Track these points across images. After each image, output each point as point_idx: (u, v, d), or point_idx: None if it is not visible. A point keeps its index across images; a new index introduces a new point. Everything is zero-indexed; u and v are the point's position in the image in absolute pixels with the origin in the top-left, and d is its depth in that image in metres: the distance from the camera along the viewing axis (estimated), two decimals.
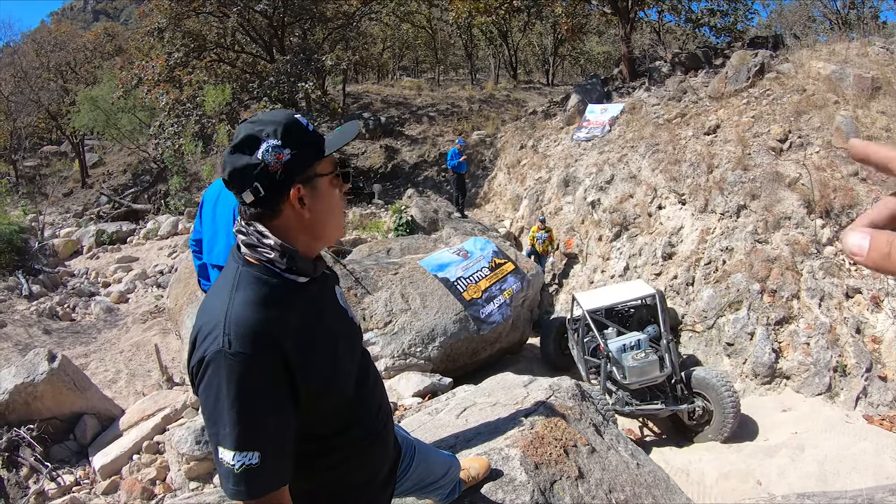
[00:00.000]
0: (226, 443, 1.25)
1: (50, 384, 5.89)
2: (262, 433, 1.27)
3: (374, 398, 1.69)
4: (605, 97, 17.21)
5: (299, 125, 1.41)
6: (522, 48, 34.51)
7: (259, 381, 1.27)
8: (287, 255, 1.39)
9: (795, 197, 9.69)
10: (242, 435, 1.24)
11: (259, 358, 1.27)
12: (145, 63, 18.83)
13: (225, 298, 1.35)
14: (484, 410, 3.44)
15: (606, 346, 7.85)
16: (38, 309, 11.21)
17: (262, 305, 1.34)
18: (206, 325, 1.32)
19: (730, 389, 7.34)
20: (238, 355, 1.25)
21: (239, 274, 1.39)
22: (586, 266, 12.50)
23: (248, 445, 1.25)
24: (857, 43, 12.69)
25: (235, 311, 1.31)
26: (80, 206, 23.08)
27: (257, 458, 1.25)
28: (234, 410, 1.24)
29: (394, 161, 21.01)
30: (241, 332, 1.27)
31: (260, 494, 1.28)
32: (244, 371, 1.25)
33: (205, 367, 1.28)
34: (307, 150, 1.40)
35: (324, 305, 1.54)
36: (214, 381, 1.26)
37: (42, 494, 5.24)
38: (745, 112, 12.00)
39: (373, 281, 8.40)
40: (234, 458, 1.25)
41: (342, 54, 19.68)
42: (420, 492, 2.22)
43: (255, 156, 1.35)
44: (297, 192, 1.38)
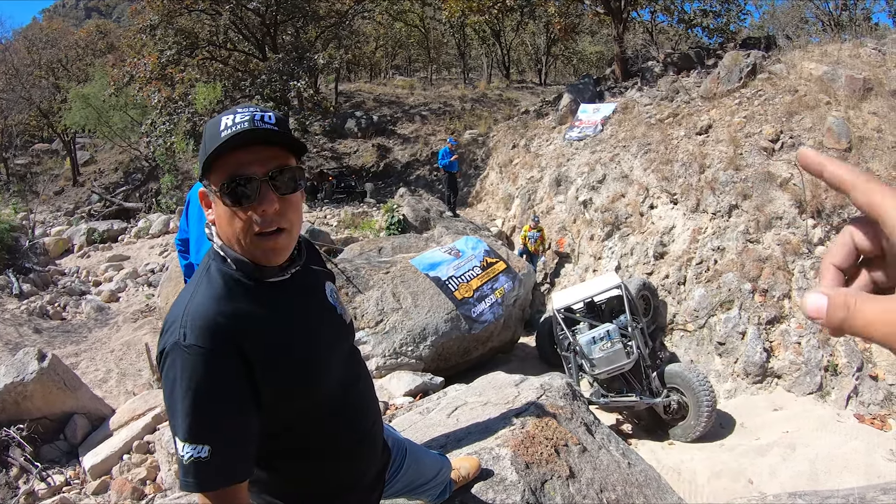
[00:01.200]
0: (179, 433, 1.25)
1: (40, 384, 5.84)
2: (212, 427, 1.26)
3: (362, 399, 1.66)
4: (598, 97, 17.24)
5: (214, 124, 1.33)
6: (515, 47, 34.55)
7: (212, 375, 1.26)
8: (229, 258, 1.37)
9: (787, 197, 9.72)
10: (192, 427, 1.24)
11: (213, 352, 1.26)
12: (137, 60, 18.77)
13: (189, 291, 1.36)
14: (475, 410, 3.44)
15: (575, 341, 8.04)
16: (29, 308, 11.13)
17: (223, 300, 1.32)
18: (169, 317, 1.33)
19: (705, 386, 7.42)
20: (192, 348, 1.25)
21: (208, 268, 1.39)
22: (578, 265, 12.52)
23: (198, 438, 1.24)
24: (850, 44, 12.73)
25: (195, 304, 1.31)
26: (72, 205, 22.98)
27: (206, 452, 1.23)
28: (185, 402, 1.24)
29: (386, 160, 21.01)
30: (197, 325, 1.27)
31: (209, 488, 1.27)
32: (197, 364, 1.24)
33: (164, 358, 1.29)
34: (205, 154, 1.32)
35: (304, 305, 1.50)
36: (171, 373, 1.26)
37: (32, 495, 5.20)
38: (737, 112, 12.02)
39: (364, 280, 8.39)
40: (183, 450, 1.24)
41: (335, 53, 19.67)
42: (411, 493, 2.20)
43: None
44: (202, 195, 1.40)
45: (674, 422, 7.78)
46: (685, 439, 7.54)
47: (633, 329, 7.98)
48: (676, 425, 7.73)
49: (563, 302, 8.83)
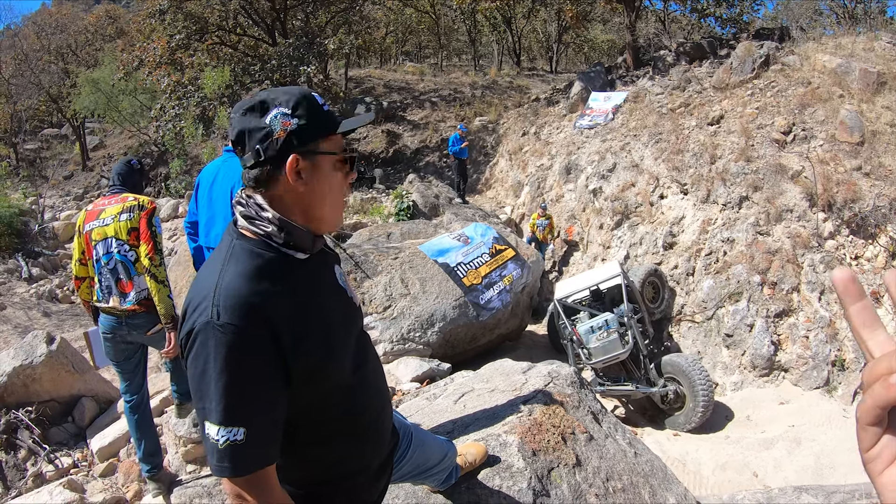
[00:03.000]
0: (211, 417, 1.22)
1: (48, 367, 5.87)
2: (248, 408, 1.24)
3: (373, 382, 1.65)
4: (609, 85, 17.13)
5: (312, 100, 1.40)
6: (526, 35, 34.31)
7: (247, 354, 1.24)
8: (285, 230, 1.36)
9: (798, 190, 9.65)
10: (228, 409, 1.22)
11: (248, 330, 1.24)
12: (146, 45, 18.70)
13: (216, 270, 1.33)
14: (482, 396, 3.43)
15: (570, 331, 8.24)
16: (38, 291, 11.20)
17: (255, 278, 1.31)
18: (196, 296, 1.30)
19: (703, 376, 7.49)
20: (226, 326, 1.22)
21: (232, 247, 1.37)
22: (587, 254, 12.49)
23: (234, 420, 1.22)
24: (864, 37, 12.61)
25: (226, 283, 1.28)
26: (81, 189, 23.02)
27: (242, 435, 1.22)
28: (220, 383, 1.21)
29: (395, 146, 20.95)
30: (231, 304, 1.25)
31: (245, 472, 1.25)
32: (232, 343, 1.22)
33: (193, 338, 1.26)
34: (314, 124, 1.38)
35: (321, 284, 1.51)
36: (202, 354, 1.24)
37: (40, 477, 5.23)
38: (750, 103, 11.93)
39: (372, 265, 8.38)
40: (218, 433, 1.22)
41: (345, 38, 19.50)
42: (416, 478, 2.20)
43: (263, 120, 1.35)
44: (295, 163, 1.36)
45: (672, 411, 7.86)
46: (682, 429, 7.58)
47: (630, 319, 8.08)
48: (674, 415, 7.82)
49: (564, 292, 9.03)
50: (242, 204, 1.40)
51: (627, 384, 8.02)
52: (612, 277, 8.72)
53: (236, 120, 1.38)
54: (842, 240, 9.14)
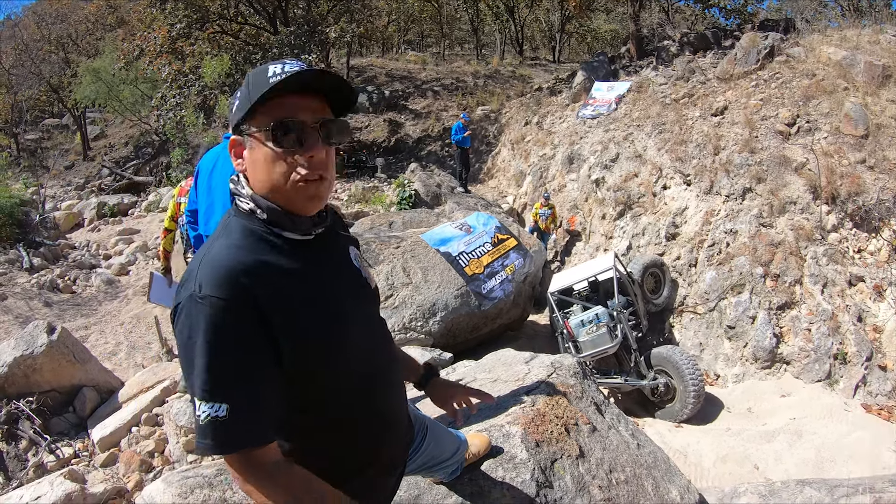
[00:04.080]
0: (196, 391, 1.19)
1: (49, 357, 5.86)
2: (230, 383, 1.20)
3: (389, 372, 1.62)
4: (612, 75, 17.07)
5: (260, 72, 1.33)
6: (529, 24, 34.20)
7: (229, 326, 1.20)
8: (261, 207, 1.33)
9: (802, 182, 9.62)
10: (209, 383, 1.18)
11: (229, 302, 1.20)
12: (147, 34, 18.64)
13: (208, 245, 1.32)
14: (484, 386, 3.41)
15: (562, 323, 8.39)
16: (39, 282, 11.17)
17: (242, 249, 1.28)
18: (186, 273, 1.28)
19: (693, 369, 7.56)
20: (206, 298, 1.19)
21: (228, 221, 1.36)
22: (589, 244, 12.47)
23: (216, 395, 1.18)
24: (869, 30, 12.53)
25: (210, 255, 1.26)
26: (82, 179, 23.02)
27: (225, 411, 1.18)
28: (202, 358, 1.18)
29: (397, 135, 20.92)
30: (213, 275, 1.21)
31: (229, 449, 1.21)
32: (212, 315, 1.18)
33: (178, 312, 1.23)
34: (244, 103, 1.33)
35: (327, 265, 1.46)
36: (185, 327, 1.21)
37: (41, 467, 5.23)
38: (754, 94, 11.87)
39: (374, 254, 8.36)
40: (200, 409, 1.18)
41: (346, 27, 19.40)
42: (428, 470, 2.18)
43: None
44: (232, 143, 1.38)
45: (663, 403, 7.94)
46: (673, 421, 7.61)
47: (619, 313, 8.13)
48: (665, 407, 7.89)
49: (558, 284, 9.15)
50: (234, 180, 1.41)
51: (617, 377, 8.13)
52: (605, 270, 8.77)
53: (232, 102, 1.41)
54: (845, 233, 9.11)
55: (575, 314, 8.54)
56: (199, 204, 3.61)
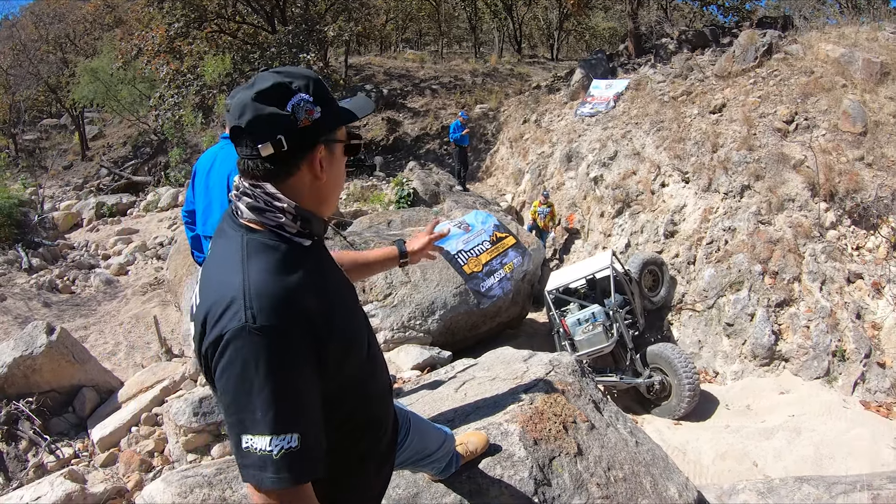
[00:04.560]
0: (257, 428, 1.14)
1: (48, 357, 5.88)
2: (299, 412, 1.18)
3: (380, 364, 1.64)
4: (611, 73, 17.05)
5: (326, 86, 1.35)
6: (527, 22, 34.15)
7: (291, 355, 1.18)
8: (301, 219, 1.32)
9: (800, 179, 9.62)
10: (279, 416, 1.15)
11: (289, 330, 1.18)
12: (145, 34, 18.61)
13: (237, 270, 1.24)
14: (483, 385, 3.42)
15: (558, 322, 8.44)
16: (38, 282, 11.18)
17: (281, 272, 1.25)
18: (218, 301, 1.21)
19: (687, 366, 7.58)
20: (264, 329, 1.16)
21: (246, 243, 1.29)
22: (587, 242, 12.48)
23: (287, 428, 1.15)
24: (867, 27, 12.52)
25: (254, 282, 1.21)
26: (80, 179, 23.00)
27: (297, 441, 1.16)
28: (266, 391, 1.14)
29: (396, 133, 20.90)
30: (267, 304, 1.18)
31: (305, 479, 1.19)
32: (274, 346, 1.16)
33: (223, 346, 1.17)
34: (335, 113, 1.36)
35: (328, 266, 1.48)
36: (238, 361, 1.16)
37: (41, 467, 5.25)
38: (752, 92, 11.88)
39: None
40: (270, 444, 1.14)
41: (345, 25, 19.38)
42: (415, 465, 2.20)
43: (286, 107, 1.27)
44: (319, 154, 1.33)
45: (659, 401, 7.96)
46: (670, 418, 7.65)
47: (615, 312, 8.17)
48: (661, 405, 7.92)
49: (555, 283, 9.15)
50: (250, 195, 1.32)
51: (612, 375, 8.16)
52: (602, 269, 8.77)
53: (249, 105, 1.27)
54: (843, 230, 9.12)
55: (572, 312, 8.56)
56: (197, 204, 3.62)
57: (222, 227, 1.39)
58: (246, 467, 1.17)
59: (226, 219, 1.39)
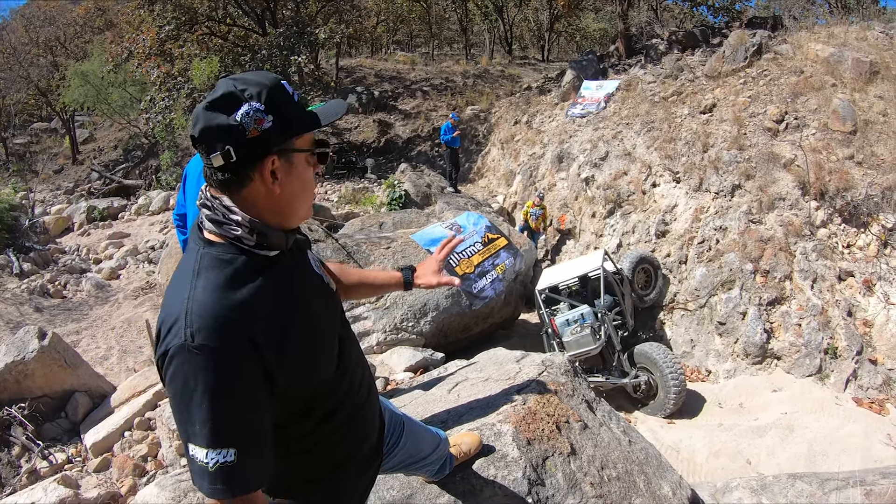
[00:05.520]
0: (197, 440, 1.17)
1: (41, 362, 5.84)
2: (235, 429, 1.19)
3: (356, 369, 1.62)
4: (601, 74, 17.10)
5: (284, 92, 1.29)
6: (518, 23, 34.23)
7: (228, 374, 1.18)
8: (256, 232, 1.29)
9: (790, 178, 9.67)
10: (214, 432, 1.16)
11: (226, 351, 1.18)
12: (136, 36, 18.55)
13: (186, 286, 1.24)
14: (476, 386, 3.43)
15: (548, 321, 8.47)
16: (30, 287, 11.11)
17: (226, 289, 1.23)
18: (168, 316, 1.22)
19: (672, 366, 7.62)
20: (203, 348, 1.16)
21: (200, 257, 1.29)
22: (579, 242, 12.51)
23: (223, 442, 1.17)
24: (857, 27, 12.59)
25: (196, 300, 1.21)
26: (71, 183, 22.89)
27: (233, 455, 1.17)
28: (203, 407, 1.16)
29: (387, 135, 20.91)
30: (205, 324, 1.17)
31: (241, 492, 1.20)
32: (210, 366, 1.16)
33: (168, 361, 1.19)
34: (289, 121, 1.29)
35: (297, 276, 1.44)
36: (179, 377, 1.17)
37: (34, 473, 5.21)
38: (742, 92, 11.93)
39: (365, 255, 8.36)
40: (206, 457, 1.16)
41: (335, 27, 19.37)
42: (409, 468, 2.19)
43: (234, 116, 1.23)
44: (271, 164, 1.28)
45: (646, 400, 8.00)
46: (658, 417, 7.69)
47: (604, 315, 8.20)
48: (648, 404, 7.95)
49: (547, 281, 9.18)
50: (209, 206, 1.31)
51: (598, 375, 8.18)
52: (594, 270, 8.78)
53: (200, 115, 1.26)
54: (834, 228, 9.17)
55: (562, 312, 8.59)
56: (188, 208, 3.59)
57: (191, 237, 1.38)
58: (191, 472, 1.21)
59: (194, 229, 1.37)
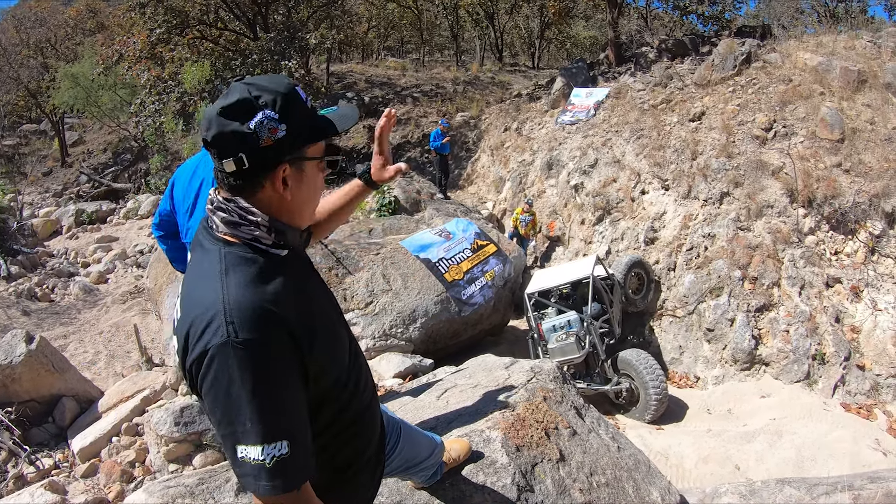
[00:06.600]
0: (249, 438, 1.16)
1: (28, 366, 5.81)
2: (286, 419, 1.20)
3: (362, 369, 1.63)
4: (591, 81, 17.16)
5: (299, 99, 1.31)
6: (509, 30, 34.30)
7: (274, 366, 1.19)
8: (275, 231, 1.32)
9: (778, 186, 9.74)
10: (268, 426, 1.16)
11: (271, 341, 1.19)
12: (126, 39, 18.49)
13: (216, 284, 1.24)
14: (465, 392, 3.43)
15: (534, 326, 8.49)
16: (17, 290, 11.04)
17: (260, 284, 1.25)
18: (200, 316, 1.21)
19: (654, 373, 7.67)
20: (247, 343, 1.16)
21: (224, 256, 1.29)
22: (568, 249, 12.53)
23: (276, 435, 1.17)
24: (845, 36, 12.71)
25: (234, 296, 1.21)
26: (60, 186, 22.78)
27: (287, 448, 1.17)
28: (254, 402, 1.16)
29: None
30: (247, 317, 1.18)
31: (298, 484, 1.21)
32: (258, 358, 1.17)
33: (208, 362, 1.18)
34: (303, 130, 1.30)
35: (308, 275, 1.48)
36: (224, 376, 1.16)
37: (21, 478, 5.18)
38: (731, 100, 12.01)
39: (354, 261, 8.37)
40: (262, 453, 1.16)
41: (326, 33, 19.43)
42: (405, 473, 2.20)
43: (248, 125, 1.23)
44: (283, 172, 1.29)
45: (629, 405, 8.04)
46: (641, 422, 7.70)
47: (590, 324, 8.20)
48: (630, 410, 8.00)
49: (537, 285, 9.13)
50: (223, 209, 1.32)
51: (580, 381, 8.18)
52: (584, 278, 8.75)
53: (214, 120, 1.26)
54: (822, 235, 9.24)
55: (549, 317, 8.59)
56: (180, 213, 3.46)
57: (199, 239, 1.38)
58: (244, 476, 1.19)
59: (201, 231, 1.38)
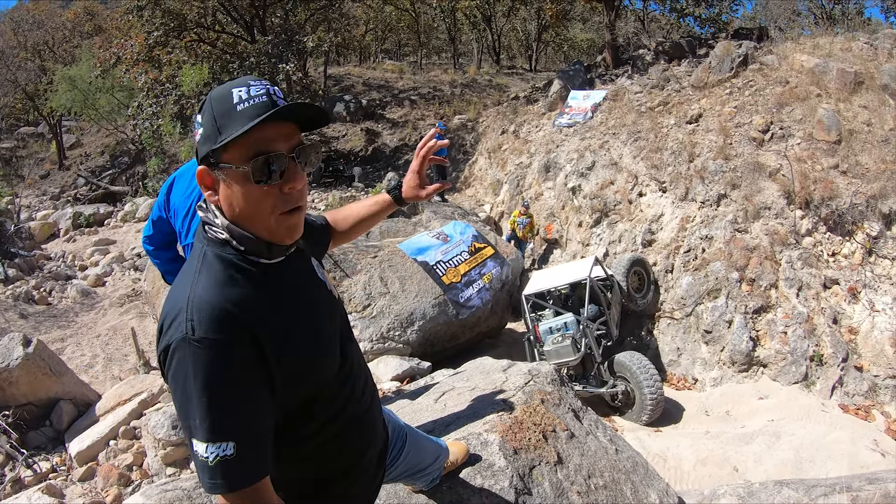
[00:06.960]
0: (198, 434, 1.17)
1: (25, 369, 5.79)
2: (234, 422, 1.19)
3: (358, 377, 1.61)
4: (588, 84, 17.17)
5: (221, 100, 1.25)
6: (506, 33, 34.38)
7: (228, 366, 1.18)
8: (236, 238, 1.29)
9: (776, 187, 9.75)
10: (214, 425, 1.16)
11: (225, 342, 1.18)
12: (124, 42, 18.50)
13: (188, 281, 1.26)
14: (462, 395, 3.42)
15: (531, 328, 8.50)
16: (14, 293, 11.01)
17: (227, 285, 1.25)
18: (170, 311, 1.23)
19: (649, 375, 7.66)
20: (203, 341, 1.17)
21: (203, 253, 1.30)
22: (566, 252, 12.54)
23: (221, 436, 1.17)
24: (842, 38, 12.74)
25: (198, 294, 1.22)
26: (57, 189, 22.76)
27: (232, 449, 1.17)
28: (203, 399, 1.16)
29: (374, 144, 20.93)
30: (205, 316, 1.18)
31: (240, 486, 1.20)
32: (210, 357, 1.17)
33: (170, 355, 1.19)
34: (212, 133, 1.25)
35: (300, 282, 1.45)
36: (181, 371, 1.18)
37: (18, 482, 5.16)
38: (728, 102, 12.03)
39: (352, 264, 8.36)
40: (206, 451, 1.17)
41: (324, 36, 19.43)
42: (408, 479, 2.20)
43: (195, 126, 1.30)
44: (201, 176, 1.29)
45: (625, 408, 8.02)
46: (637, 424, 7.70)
47: (586, 327, 8.18)
48: (626, 412, 7.98)
49: (535, 286, 9.10)
50: (203, 208, 1.35)
51: (576, 384, 8.17)
52: (582, 280, 8.72)
53: None
54: (819, 237, 9.25)
55: (546, 319, 8.59)
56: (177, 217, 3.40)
57: (196, 238, 1.39)
58: (196, 469, 1.22)
59: (197, 229, 1.39)
